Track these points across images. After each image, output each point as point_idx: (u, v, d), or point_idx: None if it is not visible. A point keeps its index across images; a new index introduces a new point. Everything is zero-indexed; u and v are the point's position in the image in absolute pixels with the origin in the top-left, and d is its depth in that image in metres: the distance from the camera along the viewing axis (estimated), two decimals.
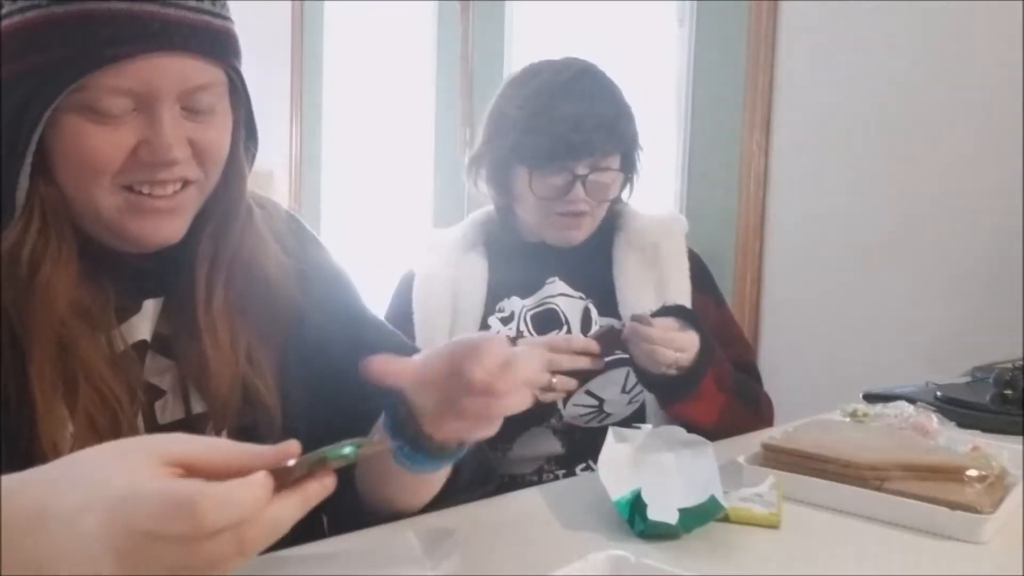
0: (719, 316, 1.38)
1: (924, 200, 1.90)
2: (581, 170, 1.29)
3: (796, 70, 2.11)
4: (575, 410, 1.31)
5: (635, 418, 1.31)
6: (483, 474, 0.88)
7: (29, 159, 0.70)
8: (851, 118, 2.01)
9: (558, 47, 1.39)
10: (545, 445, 1.32)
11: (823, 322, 2.07)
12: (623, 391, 1.31)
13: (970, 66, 1.83)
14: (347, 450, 0.54)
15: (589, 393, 1.31)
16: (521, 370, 0.67)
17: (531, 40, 2.76)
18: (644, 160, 1.41)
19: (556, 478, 1.31)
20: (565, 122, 1.28)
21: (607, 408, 1.31)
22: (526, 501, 0.91)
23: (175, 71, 0.70)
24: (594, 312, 1.34)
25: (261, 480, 0.49)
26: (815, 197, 2.08)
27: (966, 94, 1.83)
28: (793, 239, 2.13)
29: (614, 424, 1.28)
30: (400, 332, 1.10)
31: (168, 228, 0.76)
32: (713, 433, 1.19)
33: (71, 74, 0.68)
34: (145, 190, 0.73)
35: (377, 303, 1.14)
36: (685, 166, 2.33)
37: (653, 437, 0.96)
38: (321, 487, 0.52)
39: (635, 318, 1.18)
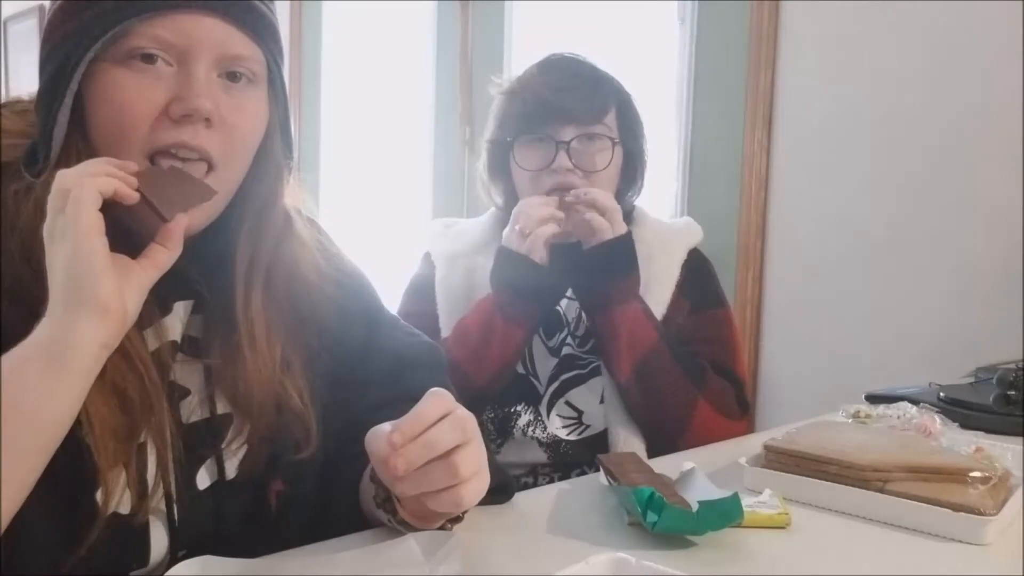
0: (695, 318, 1.36)
1: (926, 200, 1.90)
2: (564, 136, 1.28)
3: (798, 69, 2.10)
4: (557, 421, 1.31)
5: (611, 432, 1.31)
6: (498, 487, 0.88)
7: (70, 99, 0.73)
8: (853, 117, 2.01)
9: (558, 46, 1.39)
10: (531, 455, 1.32)
11: (825, 322, 2.06)
12: (600, 402, 1.31)
13: (972, 65, 1.82)
14: None
15: (569, 404, 1.32)
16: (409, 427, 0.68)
17: (531, 39, 2.76)
18: (648, 148, 1.40)
19: (552, 481, 1.31)
20: (542, 86, 1.29)
21: (585, 420, 1.31)
22: (526, 502, 0.90)
23: (216, 33, 0.74)
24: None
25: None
26: (817, 196, 2.08)
27: (968, 93, 1.83)
28: (795, 239, 2.12)
29: (592, 436, 1.30)
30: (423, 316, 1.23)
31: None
32: (643, 396, 1.24)
33: (115, 18, 0.72)
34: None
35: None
36: (686, 165, 2.33)
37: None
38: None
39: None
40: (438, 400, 0.70)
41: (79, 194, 0.65)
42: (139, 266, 0.70)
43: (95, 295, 0.65)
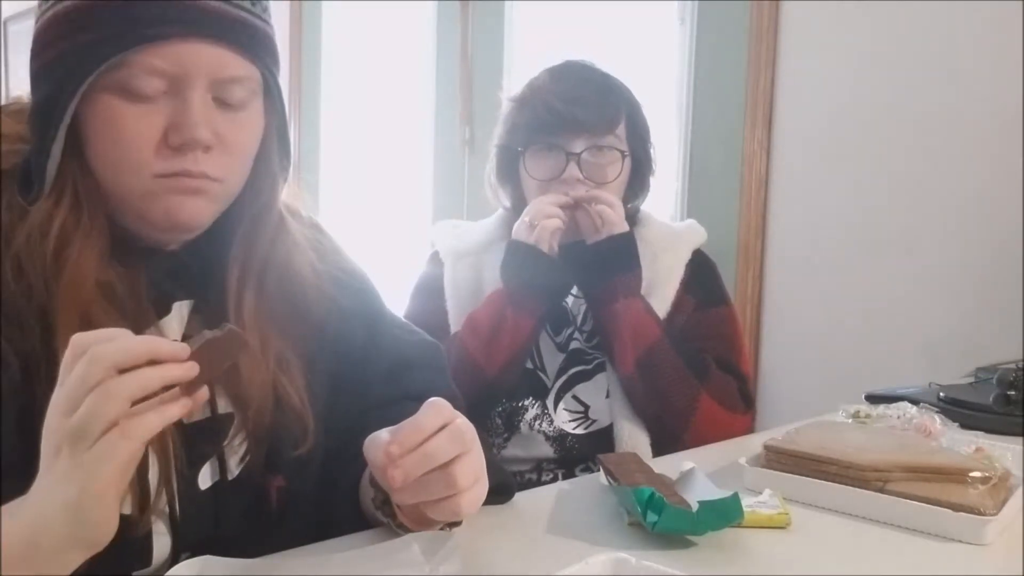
0: (698, 315, 1.37)
1: (926, 199, 1.90)
2: (575, 148, 1.29)
3: (798, 68, 2.10)
4: (564, 415, 1.32)
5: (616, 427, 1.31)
6: (498, 488, 0.88)
7: (63, 132, 0.72)
8: (853, 116, 2.01)
9: (558, 46, 1.40)
10: (538, 449, 1.32)
11: (825, 322, 2.06)
12: (606, 397, 1.31)
13: (971, 65, 1.82)
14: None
15: (576, 399, 1.32)
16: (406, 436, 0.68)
17: (531, 40, 2.76)
18: (656, 155, 1.42)
19: (556, 477, 1.31)
20: (554, 96, 1.29)
21: (592, 415, 1.32)
22: (526, 502, 0.90)
23: (209, 58, 0.73)
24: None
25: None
26: (817, 196, 2.08)
27: (967, 93, 1.83)
28: (795, 238, 2.12)
29: (598, 431, 1.31)
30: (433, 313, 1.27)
31: (193, 208, 0.76)
32: (647, 389, 1.25)
33: (109, 50, 0.70)
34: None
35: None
36: (686, 165, 2.33)
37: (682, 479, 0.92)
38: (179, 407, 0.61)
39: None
40: (437, 410, 0.69)
41: (120, 443, 0.57)
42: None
43: (95, 540, 0.60)
